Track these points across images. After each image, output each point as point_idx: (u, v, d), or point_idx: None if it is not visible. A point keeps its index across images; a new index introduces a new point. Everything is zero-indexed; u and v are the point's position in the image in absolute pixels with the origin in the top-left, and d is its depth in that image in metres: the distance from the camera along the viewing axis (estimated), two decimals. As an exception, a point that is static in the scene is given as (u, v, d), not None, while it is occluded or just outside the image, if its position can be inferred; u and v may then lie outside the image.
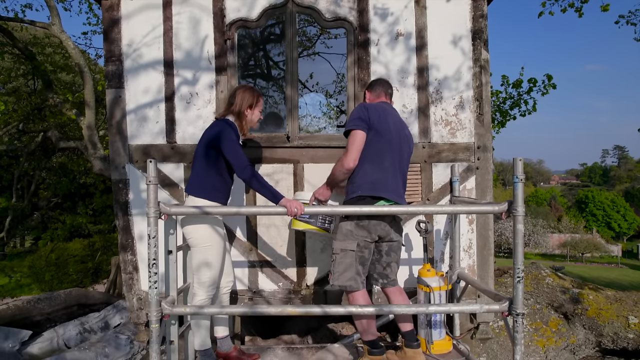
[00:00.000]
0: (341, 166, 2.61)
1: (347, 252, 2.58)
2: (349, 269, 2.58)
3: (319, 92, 8.14)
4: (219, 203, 2.64)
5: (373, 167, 2.58)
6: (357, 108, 2.68)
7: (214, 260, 2.64)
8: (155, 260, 2.31)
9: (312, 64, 7.62)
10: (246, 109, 2.71)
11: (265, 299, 3.42)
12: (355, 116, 2.62)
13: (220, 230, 2.70)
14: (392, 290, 2.74)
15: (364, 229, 2.58)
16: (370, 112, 2.61)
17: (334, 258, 2.63)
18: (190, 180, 2.70)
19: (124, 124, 3.41)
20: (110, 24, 3.37)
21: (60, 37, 5.89)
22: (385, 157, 2.62)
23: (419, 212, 2.47)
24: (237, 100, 2.71)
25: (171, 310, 2.37)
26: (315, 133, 7.91)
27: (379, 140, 2.60)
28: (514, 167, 2.27)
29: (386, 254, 2.71)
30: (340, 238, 2.62)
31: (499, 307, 2.35)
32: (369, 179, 2.57)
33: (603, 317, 3.56)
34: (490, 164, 3.45)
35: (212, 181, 2.65)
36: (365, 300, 2.60)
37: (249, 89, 2.77)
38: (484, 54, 3.39)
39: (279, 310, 2.36)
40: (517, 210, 2.25)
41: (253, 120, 2.77)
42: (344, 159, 2.59)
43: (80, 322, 3.63)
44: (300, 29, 7.63)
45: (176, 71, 3.39)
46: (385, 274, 2.73)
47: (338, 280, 2.58)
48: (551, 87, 7.53)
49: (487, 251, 3.44)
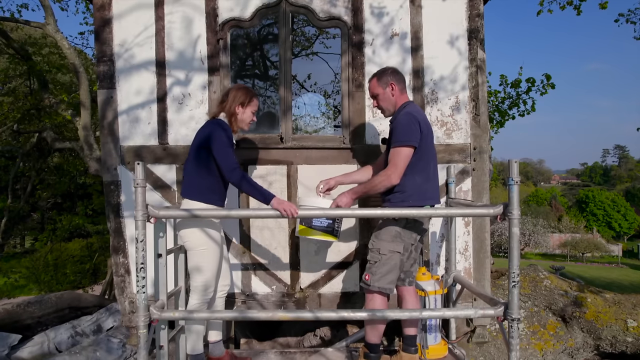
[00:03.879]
0: (387, 181, 2.49)
1: (394, 254, 2.53)
2: (393, 272, 2.54)
3: (317, 92, 8.12)
4: (214, 205, 2.59)
5: (422, 177, 2.56)
6: (408, 119, 2.49)
7: (209, 264, 2.59)
8: (144, 265, 2.26)
9: (311, 64, 7.60)
10: (237, 106, 2.63)
11: (258, 302, 3.38)
12: (407, 130, 2.47)
13: (216, 233, 2.65)
14: (410, 290, 2.71)
15: (411, 231, 2.55)
16: (422, 126, 2.53)
17: (379, 258, 2.54)
18: (185, 183, 2.66)
19: (116, 125, 3.36)
20: (102, 23, 3.33)
21: (55, 37, 5.84)
22: (431, 166, 2.62)
23: (413, 215, 2.42)
24: (229, 98, 2.65)
25: (160, 315, 2.33)
26: (308, 134, 7.88)
27: (427, 150, 2.58)
28: (509, 169, 2.22)
29: (415, 250, 2.67)
30: (387, 239, 2.54)
31: (494, 312, 2.30)
32: (418, 190, 2.54)
33: (601, 320, 3.51)
34: (486, 166, 3.40)
35: (207, 183, 2.60)
36: (384, 304, 2.57)
37: (244, 87, 2.73)
38: (480, 54, 3.35)
39: (270, 315, 2.32)
40: (513, 213, 2.21)
41: (244, 120, 2.68)
42: (392, 175, 2.48)
43: (72, 326, 3.58)
44: (299, 29, 7.63)
45: (168, 71, 3.35)
46: (411, 272, 2.70)
47: (379, 281, 2.51)
48: (550, 87, 7.48)
49: (483, 254, 3.40)
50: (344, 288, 3.38)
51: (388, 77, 2.62)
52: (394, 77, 2.63)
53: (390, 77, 2.62)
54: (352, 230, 3.35)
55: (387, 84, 2.61)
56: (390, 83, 2.61)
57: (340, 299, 3.37)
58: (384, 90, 2.62)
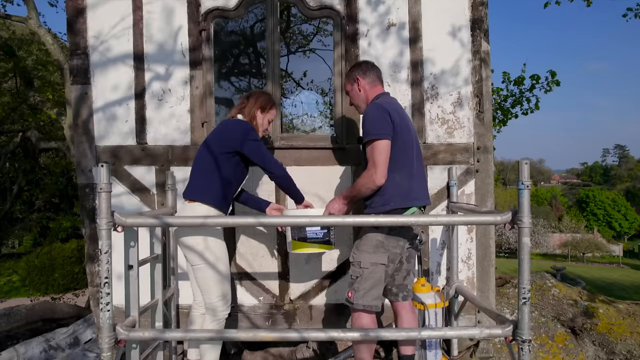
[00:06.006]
0: (371, 182, 2.22)
1: (377, 267, 2.26)
2: (377, 286, 2.27)
3: (313, 90, 7.89)
4: (220, 211, 2.41)
5: (403, 175, 2.27)
6: (374, 110, 2.26)
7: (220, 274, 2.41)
8: (108, 279, 2.01)
9: (307, 62, 7.39)
10: (257, 110, 2.51)
11: (244, 314, 3.13)
12: (376, 122, 2.22)
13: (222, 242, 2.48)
14: (405, 306, 2.44)
15: (396, 238, 2.27)
16: (393, 115, 2.24)
17: (360, 273, 2.27)
18: (192, 183, 2.45)
19: (91, 124, 3.12)
20: (75, 13, 3.08)
21: (37, 31, 5.61)
22: (412, 162, 2.32)
23: (411, 224, 2.17)
24: (250, 101, 2.53)
25: (127, 336, 2.07)
26: (305, 133, 7.64)
27: (404, 144, 2.28)
28: (520, 171, 1.96)
29: (406, 261, 2.41)
30: (368, 250, 2.27)
31: (502, 331, 2.04)
32: (399, 189, 2.26)
33: (615, 333, 3.26)
34: (491, 167, 3.15)
35: (221, 186, 2.40)
36: (372, 322, 2.31)
37: (266, 93, 2.66)
38: (484, 46, 3.10)
39: (250, 335, 2.06)
40: (523, 221, 1.95)
41: (261, 127, 2.56)
42: (374, 175, 2.20)
43: (45, 339, 3.33)
44: (296, 27, 7.41)
45: (147, 65, 3.10)
46: (404, 285, 2.43)
47: (363, 298, 2.24)
48: (555, 84, 7.22)
49: (487, 262, 3.15)
50: (337, 299, 3.13)
51: (354, 71, 2.43)
52: (359, 71, 2.41)
53: (356, 71, 2.42)
54: (345, 237, 3.10)
55: (354, 80, 2.42)
56: (356, 78, 2.41)
57: (333, 311, 3.12)
58: (352, 86, 2.43)
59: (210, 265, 2.36)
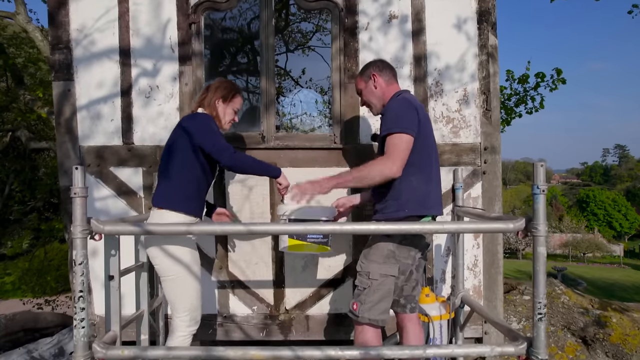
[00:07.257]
0: (387, 169, 2.00)
1: (387, 279, 2.09)
2: (385, 299, 2.10)
3: (312, 89, 7.73)
4: (193, 216, 2.21)
5: (421, 179, 2.10)
6: (401, 104, 2.11)
7: (190, 289, 2.21)
8: (83, 293, 1.83)
9: (306, 60, 7.26)
10: (218, 100, 2.29)
11: (237, 324, 2.95)
12: (401, 116, 2.05)
13: (194, 249, 2.27)
14: (412, 318, 2.27)
15: (408, 248, 2.10)
16: (420, 112, 2.08)
17: (368, 284, 2.09)
18: (157, 189, 2.26)
19: (74, 122, 2.93)
20: (56, 4, 2.89)
21: (26, 27, 5.43)
22: (432, 166, 2.16)
23: (414, 231, 1.99)
24: (209, 91, 2.32)
25: (105, 354, 1.89)
26: (304, 133, 7.46)
27: (425, 145, 2.12)
28: (535, 174, 1.79)
29: (416, 270, 2.23)
30: (378, 260, 2.09)
31: (515, 349, 1.86)
32: (416, 194, 2.09)
33: (630, 344, 3.09)
34: (499, 168, 2.97)
35: (184, 188, 2.19)
36: (377, 337, 2.13)
37: (227, 81, 2.40)
38: (491, 40, 2.91)
39: (240, 354, 1.88)
40: (539, 229, 1.77)
41: (224, 119, 2.33)
42: (392, 164, 2.00)
43: (27, 350, 3.16)
44: (295, 25, 7.26)
45: (134, 61, 2.92)
46: (413, 296, 2.25)
47: (369, 312, 2.07)
48: (560, 82, 7.03)
49: (495, 269, 2.97)
50: (335, 309, 2.95)
51: (370, 68, 2.27)
52: (376, 68, 2.26)
53: (371, 68, 2.27)
54: (345, 243, 2.92)
55: (369, 77, 2.26)
56: (372, 74, 2.24)
57: (331, 322, 2.94)
58: (367, 83, 2.26)
59: (179, 278, 2.17)
